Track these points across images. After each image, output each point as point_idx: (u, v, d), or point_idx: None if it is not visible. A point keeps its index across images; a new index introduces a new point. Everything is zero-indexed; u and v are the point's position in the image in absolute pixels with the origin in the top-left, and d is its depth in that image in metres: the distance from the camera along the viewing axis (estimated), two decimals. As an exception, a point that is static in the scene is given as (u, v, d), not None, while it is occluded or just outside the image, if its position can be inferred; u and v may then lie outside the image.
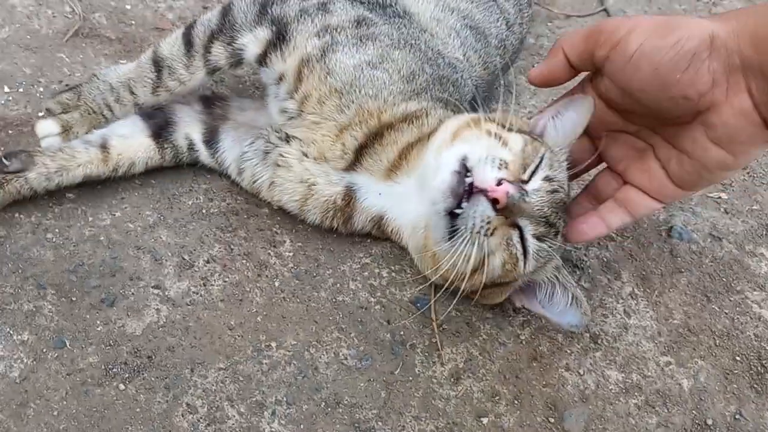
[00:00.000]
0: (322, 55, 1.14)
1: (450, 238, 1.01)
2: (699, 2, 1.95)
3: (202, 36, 1.21)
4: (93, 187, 1.24)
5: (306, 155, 1.18)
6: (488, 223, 0.98)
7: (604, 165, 1.13)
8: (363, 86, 1.12)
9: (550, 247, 1.04)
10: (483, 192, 0.97)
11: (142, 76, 1.24)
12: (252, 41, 1.19)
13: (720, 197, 1.46)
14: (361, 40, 1.15)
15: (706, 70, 0.87)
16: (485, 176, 0.98)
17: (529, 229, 1.03)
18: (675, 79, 0.88)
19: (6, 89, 1.34)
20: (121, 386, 1.04)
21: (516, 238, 1.02)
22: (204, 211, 1.26)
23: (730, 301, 1.28)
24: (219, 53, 1.20)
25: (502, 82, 1.60)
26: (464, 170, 0.99)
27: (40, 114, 1.32)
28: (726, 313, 1.26)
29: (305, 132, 1.17)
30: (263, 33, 1.18)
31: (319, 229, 1.25)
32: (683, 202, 1.42)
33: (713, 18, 0.90)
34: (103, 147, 1.22)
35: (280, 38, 1.17)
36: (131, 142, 1.24)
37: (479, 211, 0.98)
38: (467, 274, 1.02)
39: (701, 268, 1.32)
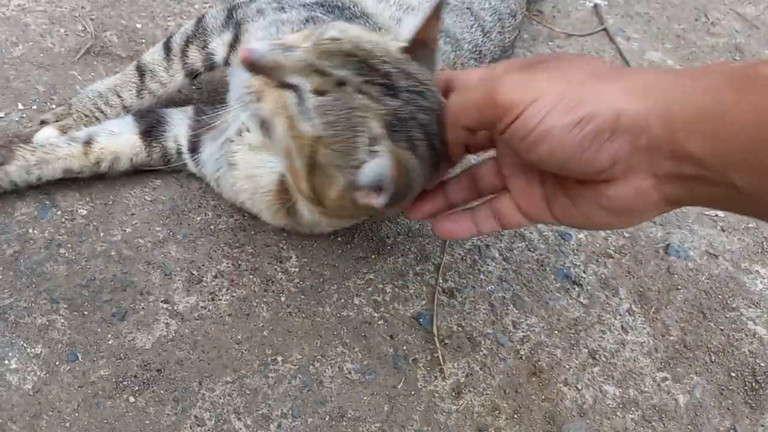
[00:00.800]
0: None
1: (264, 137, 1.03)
2: (697, 22, 1.99)
3: (179, 41, 1.30)
4: (105, 203, 1.27)
5: (251, 147, 1.18)
6: (248, 87, 0.96)
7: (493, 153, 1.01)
8: None
9: (337, 99, 0.92)
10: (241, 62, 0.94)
11: (126, 81, 1.33)
12: (220, 45, 1.27)
13: (717, 215, 1.49)
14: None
15: (606, 150, 0.78)
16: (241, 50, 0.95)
17: (306, 86, 0.92)
18: (575, 158, 0.79)
19: (20, 106, 1.38)
20: (132, 399, 1.07)
21: (292, 100, 0.93)
22: (212, 227, 1.29)
23: (726, 317, 1.31)
24: (194, 56, 1.29)
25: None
26: None
27: (54, 98, 1.41)
28: (722, 330, 1.29)
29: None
30: (227, 36, 1.27)
31: (324, 246, 1.28)
32: (680, 220, 1.45)
33: (627, 89, 0.78)
34: (87, 143, 1.25)
35: (236, 39, 1.26)
36: (117, 139, 1.27)
37: (236, 77, 1.02)
38: (287, 166, 1.01)
39: (697, 285, 1.35)
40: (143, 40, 1.58)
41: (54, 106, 1.39)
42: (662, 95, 0.75)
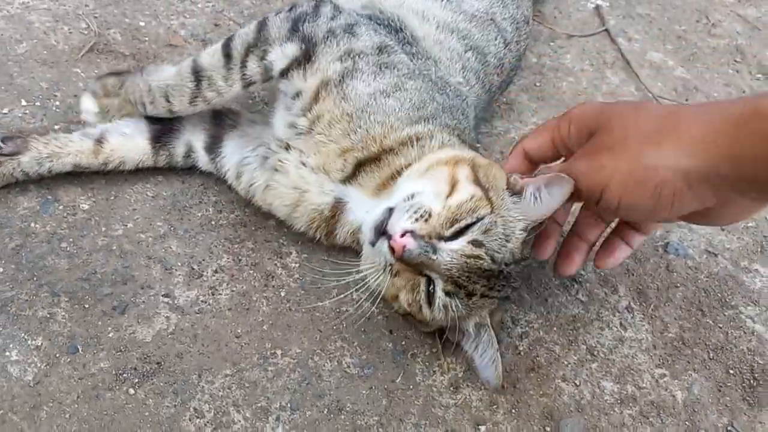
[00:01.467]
0: (341, 80, 1.17)
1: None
2: (698, 23, 1.99)
3: (240, 49, 1.22)
4: (106, 198, 1.28)
5: (304, 164, 1.21)
6: (390, 265, 1.05)
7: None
8: (373, 113, 1.15)
9: (462, 305, 1.05)
10: (388, 237, 1.02)
11: (180, 84, 1.25)
12: (280, 56, 1.21)
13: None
14: (380, 68, 1.19)
15: (690, 199, 0.89)
16: (396, 224, 1.02)
17: (439, 283, 1.04)
18: (666, 213, 0.92)
19: (23, 102, 1.39)
20: (131, 391, 1.07)
21: (423, 286, 1.06)
22: (213, 222, 1.30)
23: (725, 315, 1.31)
24: (253, 68, 1.22)
25: (504, 100, 1.65)
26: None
27: (57, 95, 1.41)
28: (720, 328, 1.29)
29: (309, 147, 1.20)
30: (291, 49, 1.20)
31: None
32: (680, 219, 1.46)
33: (684, 148, 0.87)
34: (99, 141, 1.27)
35: (306, 57, 1.19)
36: (127, 143, 1.29)
37: (382, 251, 1.03)
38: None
39: (697, 283, 1.35)
40: (146, 38, 1.59)
41: (57, 104, 1.41)
42: (717, 143, 0.84)
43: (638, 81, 1.77)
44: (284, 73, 1.21)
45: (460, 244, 1.02)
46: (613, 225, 1.16)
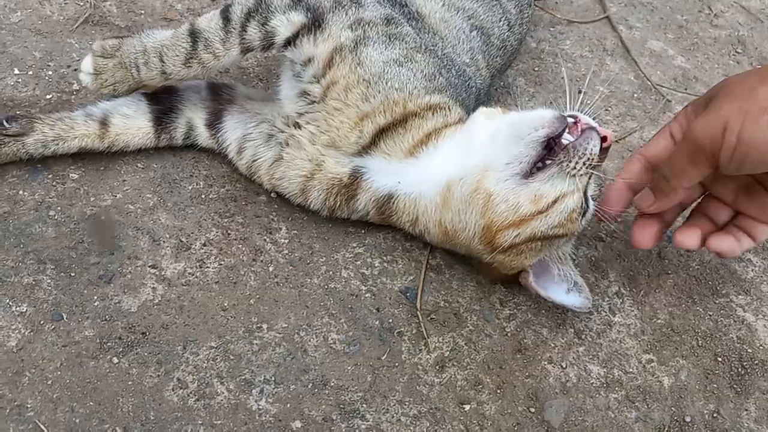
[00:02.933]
0: (354, 46, 1.17)
1: (527, 175, 1.08)
2: (700, 13, 1.98)
3: (239, 13, 1.20)
4: (96, 168, 1.27)
5: (314, 142, 1.22)
6: (592, 159, 1.06)
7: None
8: (390, 79, 1.17)
9: (593, 215, 1.14)
10: (593, 129, 1.06)
11: (176, 44, 1.22)
12: (284, 24, 1.19)
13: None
14: (389, 39, 1.20)
15: None
16: (589, 119, 1.08)
17: (591, 188, 1.11)
18: None
19: (16, 71, 1.38)
20: (115, 360, 1.07)
21: (584, 189, 1.10)
22: (203, 196, 1.29)
23: (715, 303, 1.31)
24: (253, 33, 1.20)
25: (501, 83, 1.64)
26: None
27: (50, 64, 1.40)
28: (710, 315, 1.29)
29: (323, 118, 1.20)
30: (297, 17, 1.19)
31: (315, 219, 1.28)
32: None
33: None
34: (103, 123, 1.26)
35: (316, 24, 1.19)
36: (131, 125, 1.28)
37: (591, 144, 1.06)
38: (524, 215, 1.08)
39: (688, 271, 1.35)
40: (142, 11, 1.58)
41: (50, 73, 1.40)
42: None
43: (637, 69, 1.76)
44: (290, 40, 1.20)
45: None
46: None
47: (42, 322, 1.08)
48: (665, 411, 1.16)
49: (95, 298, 1.12)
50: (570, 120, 1.08)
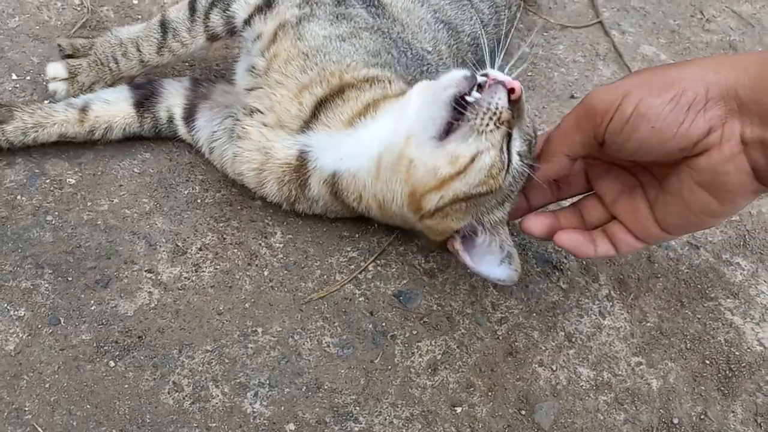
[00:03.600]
0: (297, 22, 1.22)
1: (442, 137, 1.06)
2: (693, 18, 1.99)
3: (204, 3, 1.30)
4: (93, 173, 1.29)
5: (265, 125, 1.23)
6: (501, 113, 1.03)
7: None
8: (328, 53, 1.19)
9: (522, 174, 1.09)
10: (500, 83, 1.03)
11: (148, 35, 1.32)
12: (242, 7, 1.28)
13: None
14: (337, 17, 1.24)
15: (701, 118, 0.89)
16: (500, 74, 1.05)
17: (516, 144, 1.07)
18: (673, 132, 0.90)
19: (14, 76, 1.40)
20: (111, 363, 1.09)
21: (506, 147, 1.06)
22: (199, 200, 1.31)
23: (704, 307, 1.33)
24: (216, 20, 1.29)
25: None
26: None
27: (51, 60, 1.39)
28: (699, 319, 1.31)
29: (266, 94, 1.22)
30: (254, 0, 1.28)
31: (309, 223, 1.30)
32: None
33: (710, 65, 0.91)
34: (83, 110, 1.28)
35: (267, 5, 1.27)
36: (112, 108, 1.31)
37: (496, 98, 1.03)
38: (444, 177, 1.05)
39: (677, 275, 1.37)
40: (139, 16, 1.59)
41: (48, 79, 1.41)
42: (747, 66, 0.87)
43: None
44: (247, 21, 1.28)
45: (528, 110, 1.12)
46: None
47: (40, 326, 1.10)
48: (653, 413, 1.18)
49: (92, 302, 1.14)
50: (482, 78, 1.05)
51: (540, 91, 1.69)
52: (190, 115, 1.33)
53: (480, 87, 1.05)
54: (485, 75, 1.06)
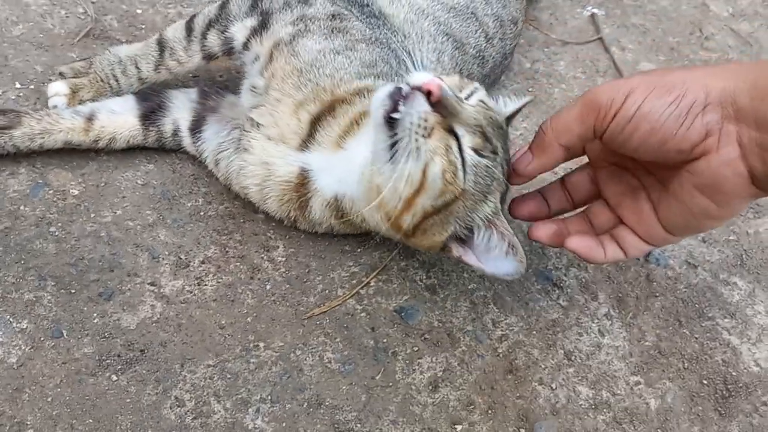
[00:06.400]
0: (291, 39, 1.23)
1: (391, 158, 1.03)
2: (692, 36, 2.01)
3: (201, 24, 1.33)
4: (96, 185, 1.29)
5: (269, 138, 1.23)
6: (425, 120, 1.00)
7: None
8: (322, 66, 1.20)
9: (488, 165, 1.05)
10: (418, 89, 0.99)
11: (146, 53, 1.35)
12: (240, 30, 1.30)
13: (698, 226, 1.51)
14: (331, 32, 1.25)
15: (699, 122, 0.91)
16: (419, 78, 1.00)
17: (466, 140, 1.03)
18: (672, 135, 0.92)
19: (18, 85, 1.40)
20: (114, 377, 1.09)
21: (455, 147, 1.02)
22: (202, 213, 1.31)
23: (702, 326, 1.34)
24: (213, 40, 1.32)
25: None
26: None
27: (52, 78, 1.40)
28: (696, 338, 1.32)
29: (268, 111, 1.22)
30: (251, 22, 1.30)
31: (311, 237, 1.30)
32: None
33: (711, 71, 0.93)
34: (89, 118, 1.29)
35: (262, 26, 1.28)
36: (117, 119, 1.32)
37: (415, 105, 0.99)
38: (407, 198, 1.04)
39: (675, 294, 1.38)
40: (143, 26, 1.59)
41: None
42: (745, 74, 0.90)
43: (629, 91, 1.79)
44: (245, 45, 1.30)
45: (474, 101, 1.07)
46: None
47: (42, 339, 1.10)
48: (651, 433, 1.19)
49: (95, 315, 1.14)
50: (406, 88, 1.00)
51: (540, 107, 1.70)
52: (196, 127, 1.34)
53: (406, 97, 1.01)
54: (408, 84, 1.02)
